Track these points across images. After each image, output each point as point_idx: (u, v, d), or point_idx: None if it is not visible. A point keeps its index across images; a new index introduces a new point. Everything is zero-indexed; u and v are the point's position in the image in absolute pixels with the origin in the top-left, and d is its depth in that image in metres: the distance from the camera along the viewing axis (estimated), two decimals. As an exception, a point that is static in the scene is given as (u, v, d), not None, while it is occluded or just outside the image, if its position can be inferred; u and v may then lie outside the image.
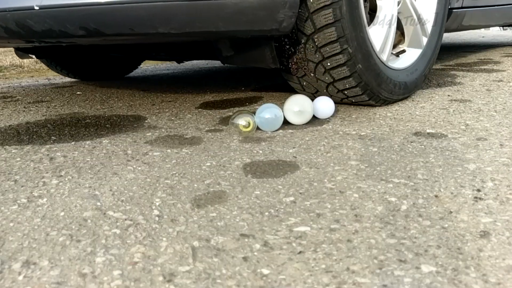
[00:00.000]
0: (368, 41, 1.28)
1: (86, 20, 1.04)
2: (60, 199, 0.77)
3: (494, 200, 0.72)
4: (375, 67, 1.31)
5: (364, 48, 1.25)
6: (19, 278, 0.54)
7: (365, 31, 1.26)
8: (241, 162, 0.93)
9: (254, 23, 1.10)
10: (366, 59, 1.27)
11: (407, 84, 1.47)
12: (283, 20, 1.12)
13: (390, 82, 1.38)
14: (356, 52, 1.23)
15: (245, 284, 0.52)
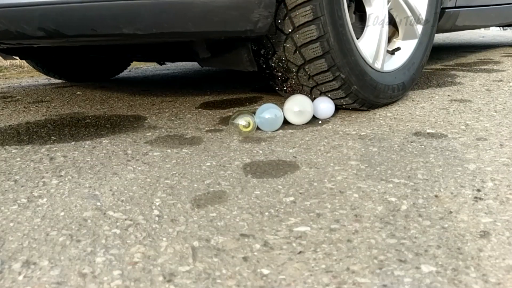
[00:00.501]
0: (360, 59, 1.24)
1: (43, 20, 0.97)
2: (60, 199, 0.77)
3: (494, 200, 0.72)
4: (371, 82, 1.28)
5: (357, 70, 1.23)
6: (19, 278, 0.54)
7: (356, 52, 1.23)
8: (241, 162, 0.93)
9: (226, 24, 1.04)
10: (360, 79, 1.24)
11: (405, 84, 1.45)
12: (258, 20, 1.06)
13: (388, 89, 1.35)
14: (349, 76, 1.21)
15: (245, 284, 0.52)
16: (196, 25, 1.02)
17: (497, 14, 2.57)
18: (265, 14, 1.06)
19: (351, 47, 1.21)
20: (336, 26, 1.16)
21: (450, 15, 1.98)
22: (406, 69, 1.48)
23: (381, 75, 1.35)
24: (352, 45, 1.22)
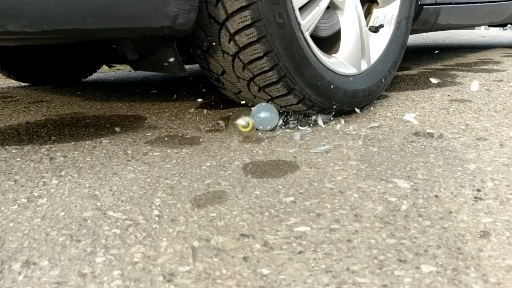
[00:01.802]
0: (328, 78, 1.15)
1: None
2: (60, 199, 0.77)
3: (494, 200, 0.72)
4: (346, 94, 1.20)
5: (323, 94, 1.14)
6: (19, 278, 0.54)
7: (319, 66, 1.13)
8: (241, 162, 0.93)
9: (136, 20, 0.88)
10: (327, 100, 1.16)
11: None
12: (177, 15, 0.90)
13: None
14: (316, 98, 1.13)
15: (245, 284, 0.52)
16: (97, 21, 0.86)
17: (487, 12, 2.35)
18: (185, 7, 0.90)
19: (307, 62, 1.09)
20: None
21: (429, 12, 1.79)
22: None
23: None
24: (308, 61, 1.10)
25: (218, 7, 0.98)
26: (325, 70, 1.16)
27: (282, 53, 1.04)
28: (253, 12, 0.97)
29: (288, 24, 1.05)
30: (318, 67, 1.14)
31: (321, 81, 1.14)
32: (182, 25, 0.93)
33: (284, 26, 1.04)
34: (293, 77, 1.08)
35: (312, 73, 1.12)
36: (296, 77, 1.08)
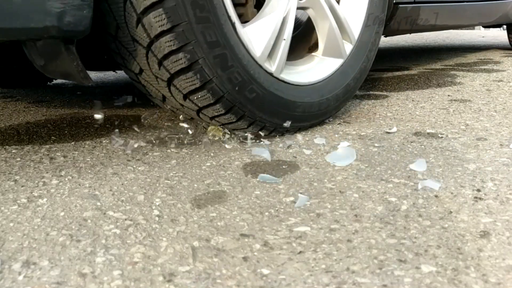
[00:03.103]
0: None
1: None
2: (60, 199, 0.77)
3: (494, 200, 0.72)
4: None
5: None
6: (19, 278, 0.54)
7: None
8: (241, 162, 0.93)
9: (10, 19, 0.72)
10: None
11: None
12: (63, 12, 0.75)
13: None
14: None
15: (245, 284, 0.52)
16: None
17: (476, 12, 2.14)
18: (74, 2, 0.76)
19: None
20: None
21: (406, 12, 1.60)
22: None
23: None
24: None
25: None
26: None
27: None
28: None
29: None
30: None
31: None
32: (73, 25, 0.77)
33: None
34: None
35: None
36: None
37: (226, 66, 0.92)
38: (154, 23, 0.83)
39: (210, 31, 0.88)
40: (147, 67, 0.93)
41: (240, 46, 0.95)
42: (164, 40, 0.85)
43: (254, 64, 0.99)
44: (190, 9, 0.84)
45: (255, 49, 0.99)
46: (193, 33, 0.86)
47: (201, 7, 0.86)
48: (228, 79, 0.93)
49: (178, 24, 0.84)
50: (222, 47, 0.91)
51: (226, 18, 0.92)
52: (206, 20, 0.87)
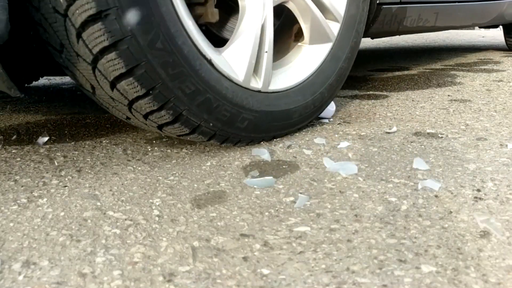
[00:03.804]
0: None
1: None
2: (60, 199, 0.77)
3: (494, 200, 0.72)
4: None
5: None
6: (19, 278, 0.54)
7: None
8: (241, 162, 0.93)
9: None
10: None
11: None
12: None
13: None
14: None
15: (245, 284, 0.52)
16: None
17: (468, 13, 2.03)
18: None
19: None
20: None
21: (391, 13, 1.50)
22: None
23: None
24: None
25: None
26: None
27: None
28: None
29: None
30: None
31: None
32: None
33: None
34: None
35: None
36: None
37: (212, 108, 0.90)
38: (129, 90, 0.82)
39: (188, 83, 0.85)
40: (136, 120, 0.93)
41: (222, 79, 0.92)
42: (144, 103, 0.84)
43: (240, 91, 0.95)
44: (162, 70, 0.81)
45: (238, 74, 0.95)
46: (170, 90, 0.83)
47: (173, 65, 0.82)
48: (216, 119, 0.92)
49: (153, 87, 0.81)
50: (204, 92, 0.88)
51: (201, 60, 0.87)
52: (180, 74, 0.84)
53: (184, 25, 0.85)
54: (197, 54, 0.87)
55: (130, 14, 0.75)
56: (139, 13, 0.76)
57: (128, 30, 0.75)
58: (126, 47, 0.76)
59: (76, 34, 0.76)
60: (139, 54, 0.78)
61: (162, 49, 0.80)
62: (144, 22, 0.77)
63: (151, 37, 0.79)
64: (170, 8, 0.81)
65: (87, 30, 0.75)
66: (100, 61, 0.78)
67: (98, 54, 0.77)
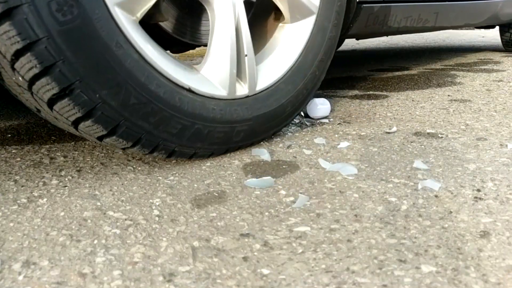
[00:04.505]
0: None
1: None
2: (60, 199, 0.77)
3: (494, 200, 0.72)
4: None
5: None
6: (19, 278, 0.54)
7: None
8: (241, 162, 0.93)
9: None
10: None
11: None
12: None
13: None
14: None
15: (245, 284, 0.52)
16: None
17: (460, 12, 1.93)
18: None
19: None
20: None
21: (373, 13, 1.40)
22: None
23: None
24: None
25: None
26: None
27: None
28: None
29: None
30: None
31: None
32: None
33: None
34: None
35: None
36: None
37: (203, 136, 0.89)
38: (117, 144, 0.82)
39: (172, 123, 0.84)
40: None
41: (207, 102, 0.88)
42: (134, 151, 0.85)
43: (228, 106, 0.92)
44: (143, 122, 0.80)
45: (222, 88, 0.92)
46: (157, 136, 0.83)
47: (153, 113, 0.80)
48: (211, 143, 0.91)
49: (139, 138, 0.81)
50: (191, 125, 0.86)
51: (181, 93, 0.84)
52: (163, 119, 0.82)
53: (154, 65, 0.80)
54: (174, 89, 0.83)
55: (95, 83, 0.73)
56: (104, 78, 0.73)
57: (97, 97, 0.74)
58: (101, 113, 0.75)
59: (54, 117, 0.78)
60: (116, 115, 0.76)
61: (137, 103, 0.78)
62: (111, 86, 0.75)
63: (123, 96, 0.76)
64: (135, 57, 0.77)
65: (58, 110, 0.74)
66: (79, 126, 0.77)
67: (74, 125, 0.77)
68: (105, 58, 0.73)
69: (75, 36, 0.70)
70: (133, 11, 0.78)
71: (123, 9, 0.76)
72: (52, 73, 0.69)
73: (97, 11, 0.72)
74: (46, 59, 0.68)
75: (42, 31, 0.66)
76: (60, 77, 0.70)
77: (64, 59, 0.69)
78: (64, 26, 0.68)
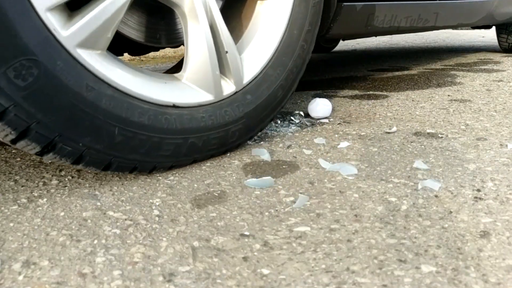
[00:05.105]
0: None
1: None
2: (60, 199, 0.77)
3: (494, 200, 0.72)
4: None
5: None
6: (19, 278, 0.54)
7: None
8: (241, 162, 0.93)
9: None
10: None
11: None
12: None
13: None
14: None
15: (245, 284, 0.52)
16: None
17: (452, 12, 1.83)
18: None
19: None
20: None
21: (355, 12, 1.30)
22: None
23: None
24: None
25: None
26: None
27: None
28: None
29: None
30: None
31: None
32: None
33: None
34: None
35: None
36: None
37: (199, 147, 0.88)
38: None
39: (165, 146, 0.83)
40: None
41: (195, 112, 0.86)
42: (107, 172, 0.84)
43: (217, 109, 0.89)
44: (135, 154, 0.80)
45: (207, 93, 0.88)
46: (151, 162, 0.83)
47: (143, 144, 0.80)
48: (209, 149, 0.91)
49: (135, 167, 0.82)
50: (184, 142, 0.85)
51: (167, 113, 0.82)
52: (155, 144, 0.81)
53: (131, 93, 0.77)
54: (159, 111, 0.80)
55: (75, 133, 0.72)
56: (83, 126, 0.72)
57: (81, 146, 0.73)
58: (89, 158, 0.76)
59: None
60: (105, 156, 0.77)
61: (124, 139, 0.77)
62: (92, 131, 0.74)
63: (106, 138, 0.75)
64: (109, 93, 0.74)
65: (48, 160, 0.74)
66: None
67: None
68: (78, 107, 0.71)
69: (41, 96, 0.67)
70: (96, 45, 0.74)
71: (86, 48, 0.72)
72: (29, 135, 0.69)
73: (59, 62, 0.68)
74: (18, 125, 0.67)
75: (6, 100, 0.65)
76: (38, 137, 0.69)
77: (37, 121, 0.68)
78: (27, 90, 0.66)
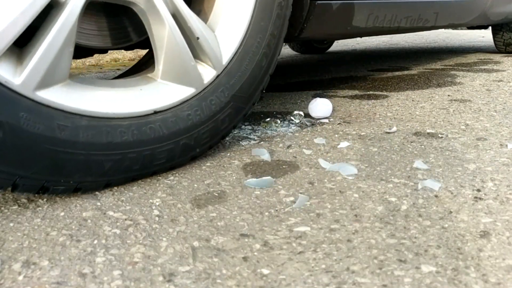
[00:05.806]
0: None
1: None
2: (60, 199, 0.77)
3: (494, 200, 0.72)
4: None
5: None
6: (19, 278, 0.54)
7: None
8: (241, 162, 0.93)
9: None
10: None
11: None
12: None
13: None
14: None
15: (245, 284, 0.52)
16: None
17: (442, 11, 1.72)
18: None
19: None
20: None
21: (332, 11, 1.19)
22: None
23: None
24: None
25: None
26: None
27: None
28: None
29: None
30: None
31: None
32: None
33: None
34: None
35: None
36: None
37: (194, 147, 0.87)
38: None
39: (158, 155, 0.83)
40: None
41: (183, 116, 0.83)
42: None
43: (203, 101, 0.84)
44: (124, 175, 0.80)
45: (188, 88, 0.83)
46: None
47: (135, 161, 0.79)
48: (203, 145, 0.89)
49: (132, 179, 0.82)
50: (178, 142, 0.83)
51: (151, 123, 0.79)
52: (149, 157, 0.81)
53: (108, 115, 0.74)
54: (141, 123, 0.77)
55: (62, 175, 0.72)
56: (68, 167, 0.72)
57: (71, 184, 0.74)
58: (83, 190, 0.77)
59: None
60: (99, 183, 0.78)
61: (114, 164, 0.77)
62: (79, 168, 0.73)
63: (95, 169, 0.75)
64: (84, 124, 0.71)
65: None
66: None
67: None
68: (56, 152, 0.68)
69: (14, 155, 0.65)
70: (55, 78, 0.69)
71: (46, 87, 0.67)
72: (18, 188, 0.70)
73: (22, 113, 0.64)
74: (3, 184, 0.68)
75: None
76: (28, 188, 0.70)
77: (20, 176, 0.67)
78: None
